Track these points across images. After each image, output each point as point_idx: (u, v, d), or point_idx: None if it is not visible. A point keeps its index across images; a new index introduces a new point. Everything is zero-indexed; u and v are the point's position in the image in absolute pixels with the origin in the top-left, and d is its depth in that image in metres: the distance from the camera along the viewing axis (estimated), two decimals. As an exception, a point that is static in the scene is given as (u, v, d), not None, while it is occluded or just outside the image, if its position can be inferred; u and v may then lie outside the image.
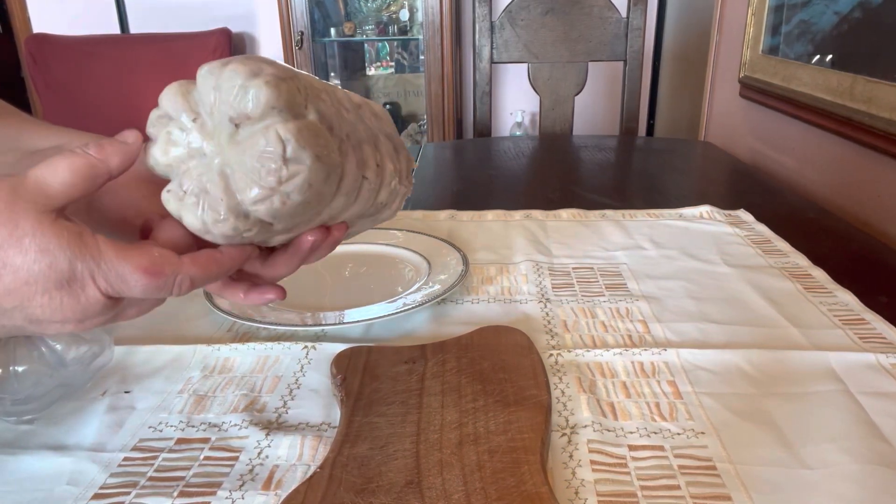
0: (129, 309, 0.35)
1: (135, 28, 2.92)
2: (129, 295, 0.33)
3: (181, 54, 2.74)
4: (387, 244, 0.81)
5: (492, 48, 1.59)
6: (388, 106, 2.86)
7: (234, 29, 2.84)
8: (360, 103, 0.41)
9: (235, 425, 0.49)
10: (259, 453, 0.46)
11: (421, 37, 2.58)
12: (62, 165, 0.32)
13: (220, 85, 0.33)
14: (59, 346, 0.50)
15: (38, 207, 0.31)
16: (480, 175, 1.25)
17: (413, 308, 0.63)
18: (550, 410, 0.48)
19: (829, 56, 1.15)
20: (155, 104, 0.38)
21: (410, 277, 0.73)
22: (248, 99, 0.32)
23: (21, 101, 2.77)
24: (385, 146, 0.41)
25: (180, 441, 0.48)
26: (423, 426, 0.46)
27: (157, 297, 0.34)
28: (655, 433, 0.48)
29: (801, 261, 0.78)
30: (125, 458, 0.46)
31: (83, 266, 0.31)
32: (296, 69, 0.36)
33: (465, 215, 0.95)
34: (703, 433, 0.48)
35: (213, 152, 0.34)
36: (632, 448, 0.47)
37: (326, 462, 0.43)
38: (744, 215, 0.93)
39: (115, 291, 0.32)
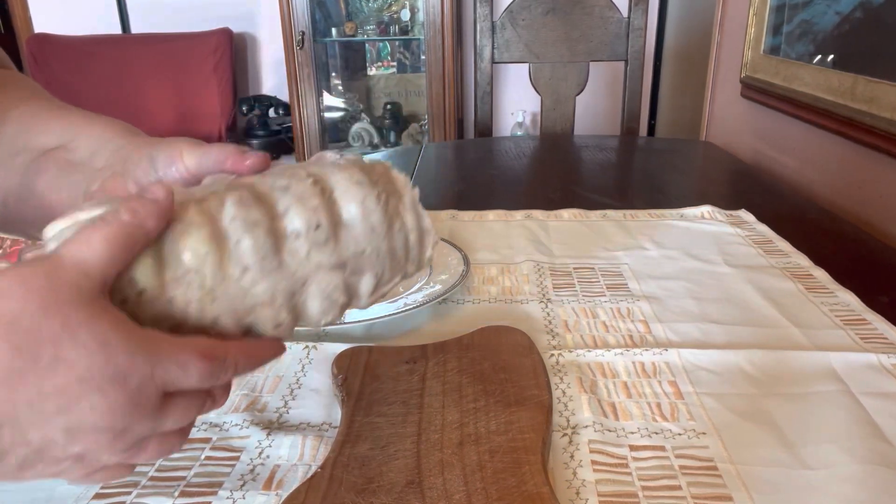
0: (166, 426, 0.32)
1: (136, 28, 2.93)
2: (186, 385, 0.31)
3: (182, 54, 2.74)
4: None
5: (493, 48, 1.59)
6: (389, 106, 2.85)
7: (235, 29, 2.85)
8: (326, 229, 0.35)
9: (236, 425, 0.49)
10: (260, 453, 0.46)
11: (422, 37, 2.58)
12: (97, 239, 0.29)
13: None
14: None
15: (84, 293, 0.28)
16: (481, 175, 1.25)
17: (414, 308, 0.63)
18: (551, 410, 0.48)
19: (831, 56, 1.15)
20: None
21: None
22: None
23: (22, 101, 2.76)
24: (324, 282, 0.36)
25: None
26: (424, 426, 0.46)
27: (210, 383, 0.32)
28: (656, 433, 0.48)
29: (802, 261, 0.78)
30: (126, 458, 0.46)
31: (143, 360, 0.29)
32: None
33: (467, 215, 0.95)
34: (704, 433, 0.48)
35: None
36: (633, 448, 0.47)
37: (327, 462, 0.43)
38: (745, 215, 0.93)
39: (171, 383, 0.30)
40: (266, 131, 2.79)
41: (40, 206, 0.42)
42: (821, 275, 0.74)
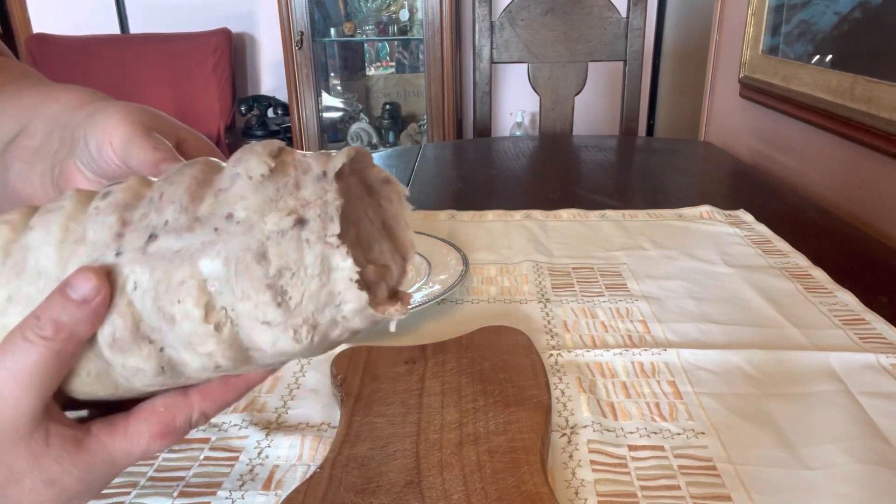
0: None
1: (135, 28, 2.93)
2: (153, 456, 0.30)
3: (181, 54, 2.74)
4: (387, 244, 0.80)
5: (492, 48, 1.59)
6: (388, 106, 2.85)
7: (234, 29, 2.84)
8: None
9: (235, 425, 0.49)
10: (259, 453, 0.46)
11: (421, 37, 2.58)
12: (25, 373, 0.25)
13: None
14: None
15: (22, 431, 0.26)
16: (481, 175, 1.25)
17: (413, 308, 0.63)
18: (550, 410, 0.48)
19: (830, 56, 1.15)
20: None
21: (410, 277, 0.73)
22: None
23: (21, 101, 2.76)
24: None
25: (180, 441, 0.48)
26: (424, 426, 0.46)
27: (177, 441, 0.31)
28: (655, 433, 0.48)
29: (801, 261, 0.78)
30: (125, 459, 0.46)
31: (99, 477, 0.28)
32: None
33: (466, 215, 0.95)
34: (703, 433, 0.48)
35: None
36: (632, 448, 0.47)
37: (326, 462, 0.43)
38: (744, 215, 0.93)
39: (138, 463, 0.30)
40: (265, 131, 2.79)
41: (19, 199, 0.39)
42: (820, 275, 0.74)
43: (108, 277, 0.26)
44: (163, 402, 0.29)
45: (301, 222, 0.26)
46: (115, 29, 2.91)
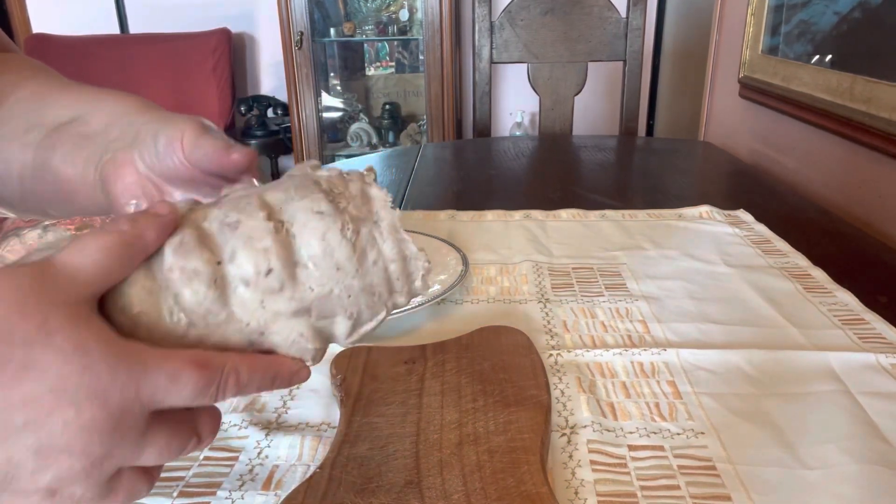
0: (152, 448, 0.28)
1: (134, 28, 2.93)
2: (177, 399, 0.27)
3: (181, 54, 2.74)
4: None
5: (491, 48, 1.59)
6: (388, 106, 2.85)
7: (234, 29, 2.84)
8: (280, 274, 0.31)
9: (235, 425, 0.49)
10: (259, 453, 0.46)
11: (421, 37, 2.58)
12: (92, 247, 0.27)
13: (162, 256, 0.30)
14: None
15: (70, 299, 0.26)
16: (480, 175, 1.25)
17: (413, 308, 0.63)
18: (550, 410, 0.48)
19: (829, 56, 1.15)
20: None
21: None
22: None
23: (21, 102, 2.76)
24: (285, 331, 0.31)
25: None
26: (423, 426, 0.46)
27: (206, 397, 0.28)
28: (655, 433, 0.48)
29: (800, 261, 0.78)
30: (125, 459, 0.46)
31: (127, 370, 0.26)
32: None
33: (465, 215, 0.95)
34: (702, 433, 0.48)
35: None
36: (632, 448, 0.47)
37: (326, 462, 0.43)
38: (743, 215, 0.93)
39: (159, 398, 0.27)
40: (264, 131, 2.79)
41: (56, 181, 0.40)
42: (819, 274, 0.74)
43: (180, 211, 0.31)
44: (202, 351, 0.29)
45: (345, 174, 0.35)
46: (114, 29, 2.91)
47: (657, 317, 0.65)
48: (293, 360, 0.32)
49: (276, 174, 2.93)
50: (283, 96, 2.78)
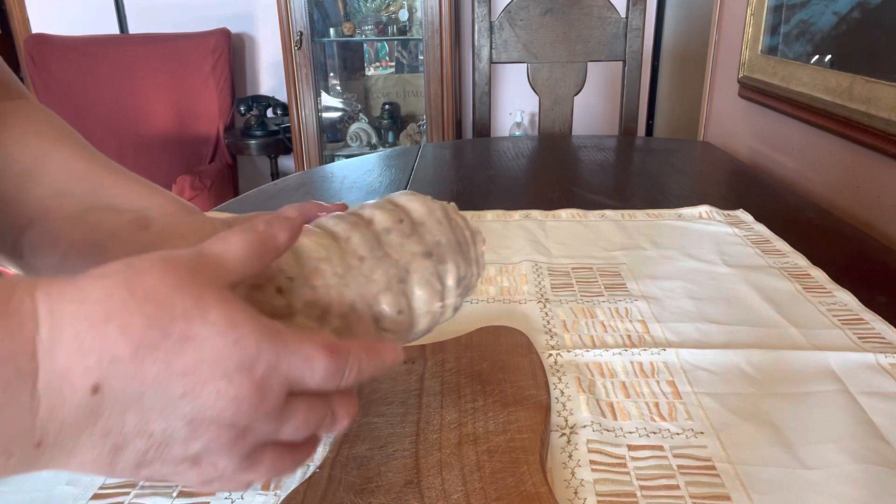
0: (273, 448, 0.30)
1: (134, 28, 2.93)
2: (310, 382, 0.29)
3: (180, 54, 2.74)
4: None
5: (491, 48, 1.59)
6: (387, 106, 2.85)
7: (234, 29, 2.84)
8: (408, 223, 0.41)
9: (235, 425, 0.49)
10: (258, 453, 0.46)
11: (420, 37, 2.58)
12: (236, 240, 0.31)
13: (298, 249, 0.37)
14: None
15: (219, 281, 0.29)
16: (480, 175, 1.25)
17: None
18: (550, 410, 0.48)
19: (829, 56, 1.15)
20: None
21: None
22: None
23: (20, 102, 2.75)
24: (421, 270, 0.40)
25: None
26: (423, 426, 0.46)
27: (334, 383, 0.30)
28: (655, 433, 0.48)
29: (800, 261, 0.78)
30: (124, 459, 0.46)
31: (270, 346, 0.28)
32: (297, 245, 0.37)
33: (465, 215, 0.94)
34: (702, 433, 0.48)
35: None
36: (631, 448, 0.47)
37: (326, 462, 0.43)
38: (743, 215, 0.93)
39: (295, 379, 0.29)
40: (264, 131, 2.78)
41: (104, 264, 0.42)
42: (819, 274, 0.74)
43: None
44: (331, 336, 0.32)
45: None
46: (114, 29, 2.91)
47: (657, 317, 0.65)
48: (395, 348, 0.35)
49: (275, 174, 2.93)
50: (282, 96, 2.78)
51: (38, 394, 0.24)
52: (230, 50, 2.79)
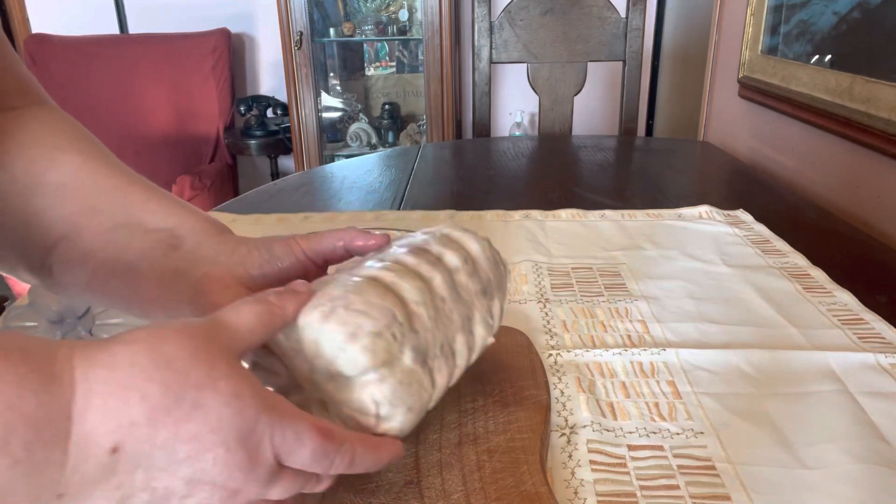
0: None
1: (134, 28, 2.92)
2: (297, 460, 0.31)
3: (180, 54, 2.74)
4: (386, 244, 0.81)
5: (491, 48, 1.59)
6: (387, 106, 2.85)
7: (234, 29, 2.84)
8: (470, 262, 0.43)
9: (235, 425, 0.49)
10: (258, 453, 0.46)
11: (420, 37, 2.58)
12: (247, 311, 0.33)
13: (319, 340, 0.35)
14: None
15: (230, 351, 0.31)
16: (480, 175, 1.25)
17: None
18: (550, 410, 0.48)
19: (828, 56, 1.15)
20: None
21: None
22: (344, 362, 0.35)
23: (20, 102, 2.75)
24: (480, 308, 0.43)
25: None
26: (423, 426, 0.46)
27: (321, 466, 0.32)
28: (655, 433, 0.48)
29: (800, 261, 0.78)
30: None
31: (267, 419, 0.30)
32: (395, 286, 0.38)
33: (465, 215, 0.95)
34: (702, 433, 0.48)
35: (310, 389, 0.37)
36: (631, 448, 0.47)
37: (326, 462, 0.43)
38: (743, 215, 0.93)
39: (284, 454, 0.31)
40: (264, 131, 2.78)
41: (135, 285, 0.42)
42: (818, 274, 0.74)
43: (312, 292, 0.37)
44: (328, 422, 0.33)
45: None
46: (113, 29, 2.91)
47: (657, 317, 0.65)
48: (396, 443, 0.37)
49: (275, 174, 2.93)
50: (282, 96, 2.78)
51: (68, 452, 0.26)
52: (230, 50, 2.79)
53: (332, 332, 0.35)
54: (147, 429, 0.27)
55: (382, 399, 0.35)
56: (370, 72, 2.99)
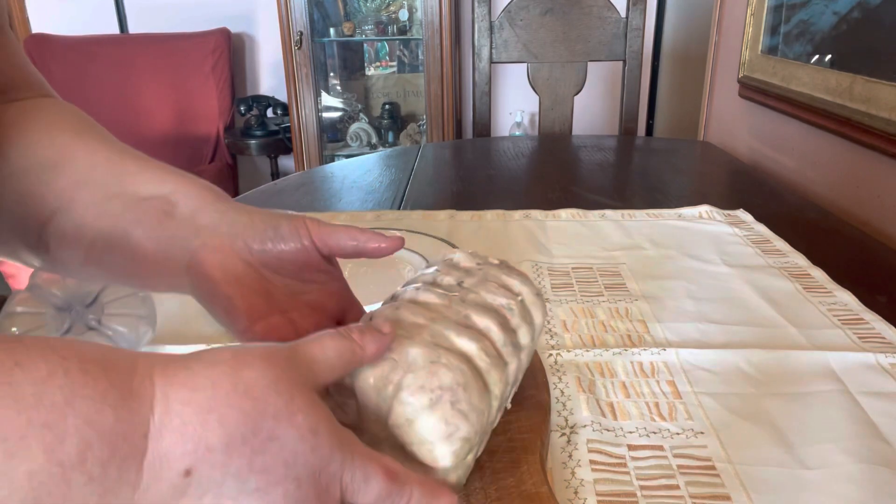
0: None
1: (134, 28, 2.93)
2: (361, 499, 0.30)
3: (180, 54, 2.74)
4: (386, 244, 0.81)
5: (491, 48, 1.59)
6: (387, 106, 2.85)
7: (234, 29, 2.84)
8: (524, 309, 0.44)
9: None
10: (258, 453, 0.46)
11: (420, 37, 2.58)
12: (330, 346, 0.32)
13: (415, 423, 0.35)
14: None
15: (309, 384, 0.30)
16: (480, 175, 1.25)
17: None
18: (550, 410, 0.48)
19: (829, 56, 1.15)
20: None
21: (410, 277, 0.73)
22: (425, 452, 0.35)
23: (20, 101, 2.75)
24: (528, 349, 0.44)
25: None
26: (423, 426, 0.46)
27: None
28: (655, 433, 0.48)
29: (800, 261, 0.78)
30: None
31: (340, 458, 0.29)
32: (486, 376, 0.38)
33: (465, 215, 0.95)
34: (702, 433, 0.48)
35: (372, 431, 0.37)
36: (631, 448, 0.47)
37: (326, 462, 0.43)
38: (743, 215, 0.93)
39: (350, 493, 0.30)
40: (264, 131, 2.78)
41: (132, 254, 0.41)
42: (819, 274, 0.74)
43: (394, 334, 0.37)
44: (396, 462, 0.32)
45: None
46: (114, 29, 2.91)
47: (657, 316, 0.65)
48: (452, 494, 0.35)
49: (275, 174, 2.93)
50: (282, 96, 2.78)
51: (142, 470, 0.26)
52: (230, 50, 2.79)
53: (432, 426, 0.34)
54: (222, 455, 0.27)
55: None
56: (370, 71, 2.99)
